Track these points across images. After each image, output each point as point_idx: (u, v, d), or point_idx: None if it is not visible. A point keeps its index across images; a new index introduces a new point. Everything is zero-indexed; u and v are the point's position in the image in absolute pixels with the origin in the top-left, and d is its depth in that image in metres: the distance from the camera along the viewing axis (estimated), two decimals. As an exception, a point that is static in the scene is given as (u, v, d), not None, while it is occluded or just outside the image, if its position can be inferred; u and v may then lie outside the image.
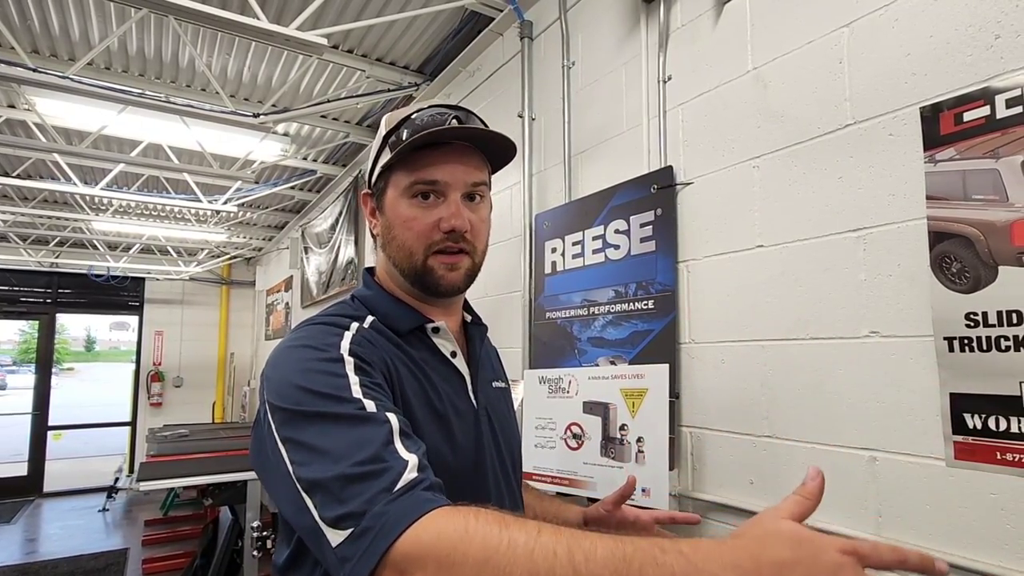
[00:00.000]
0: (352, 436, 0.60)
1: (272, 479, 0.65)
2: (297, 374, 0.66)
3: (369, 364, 0.69)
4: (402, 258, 0.80)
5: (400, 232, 0.79)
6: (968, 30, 1.13)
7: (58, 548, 5.09)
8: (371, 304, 0.82)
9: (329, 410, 0.62)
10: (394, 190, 0.80)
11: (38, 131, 3.73)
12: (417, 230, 0.78)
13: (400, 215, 0.79)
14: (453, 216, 0.77)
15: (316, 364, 0.67)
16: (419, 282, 0.80)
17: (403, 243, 0.79)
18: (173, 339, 8.25)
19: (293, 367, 0.68)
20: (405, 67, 3.32)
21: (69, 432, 8.12)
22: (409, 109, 0.81)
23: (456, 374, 0.83)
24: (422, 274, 0.79)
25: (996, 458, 1.06)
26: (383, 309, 0.81)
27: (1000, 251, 1.06)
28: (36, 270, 7.45)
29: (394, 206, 0.80)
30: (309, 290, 5.69)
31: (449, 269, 0.79)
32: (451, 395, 0.80)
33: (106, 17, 2.86)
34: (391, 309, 0.81)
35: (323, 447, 0.59)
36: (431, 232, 0.78)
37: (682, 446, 1.67)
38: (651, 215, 1.79)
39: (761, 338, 1.49)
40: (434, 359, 0.82)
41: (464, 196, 0.80)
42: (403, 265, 0.80)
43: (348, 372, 0.66)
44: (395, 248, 0.80)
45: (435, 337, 0.83)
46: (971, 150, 1.10)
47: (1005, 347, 1.04)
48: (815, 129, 1.39)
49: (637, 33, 1.92)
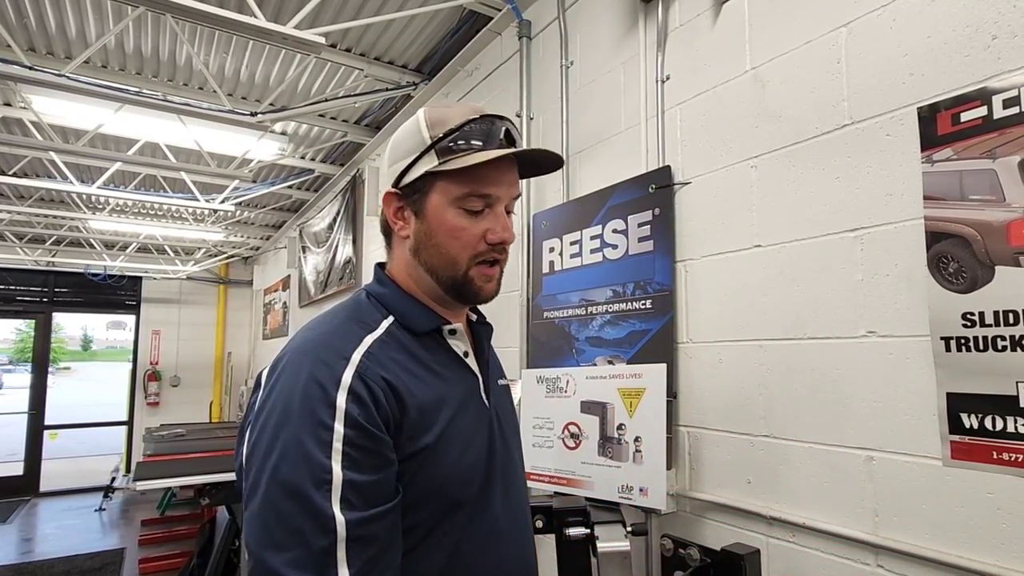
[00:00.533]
0: (296, 536, 0.61)
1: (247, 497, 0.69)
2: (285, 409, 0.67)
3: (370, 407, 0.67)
4: (443, 265, 0.79)
5: (444, 240, 0.79)
6: (965, 31, 1.13)
7: (54, 548, 5.07)
8: (389, 303, 0.81)
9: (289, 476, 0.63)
10: (441, 197, 0.78)
11: (34, 129, 3.72)
12: (465, 240, 0.78)
13: (447, 223, 0.78)
14: (503, 229, 0.80)
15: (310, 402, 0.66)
16: (456, 290, 0.81)
17: (447, 251, 0.79)
18: (170, 338, 8.23)
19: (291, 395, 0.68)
20: (403, 66, 3.32)
21: (65, 432, 8.09)
22: (453, 116, 0.78)
23: (471, 375, 0.84)
24: (462, 283, 0.80)
25: (992, 458, 1.06)
26: (401, 309, 0.81)
27: (997, 251, 1.06)
28: (32, 269, 7.42)
29: (439, 213, 0.78)
30: (307, 289, 5.69)
31: (487, 280, 0.81)
32: (467, 397, 0.81)
33: (103, 15, 2.85)
34: (410, 310, 0.81)
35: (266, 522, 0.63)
36: (477, 243, 0.79)
37: (680, 446, 1.68)
38: (649, 215, 1.79)
39: (759, 338, 1.49)
40: (450, 360, 0.82)
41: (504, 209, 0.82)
42: (443, 273, 0.80)
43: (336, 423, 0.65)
44: (435, 255, 0.80)
45: (450, 338, 0.84)
46: (968, 150, 1.11)
47: (1002, 347, 1.04)
48: (813, 129, 1.39)
49: (635, 33, 1.92)
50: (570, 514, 1.46)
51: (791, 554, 1.38)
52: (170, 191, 5.21)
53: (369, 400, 0.67)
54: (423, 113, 0.80)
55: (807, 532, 1.35)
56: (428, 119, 0.79)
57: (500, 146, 0.78)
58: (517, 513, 0.85)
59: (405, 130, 0.82)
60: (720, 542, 1.43)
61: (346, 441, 0.65)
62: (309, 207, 5.82)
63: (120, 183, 5.05)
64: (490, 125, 0.78)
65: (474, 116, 0.78)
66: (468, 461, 0.76)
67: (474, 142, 0.77)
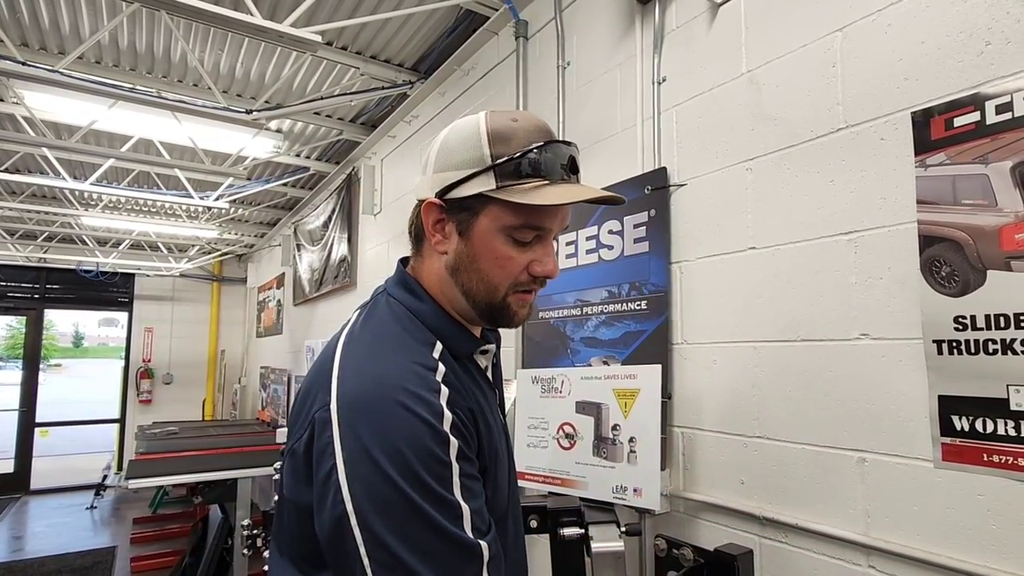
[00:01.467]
0: (446, 569, 0.61)
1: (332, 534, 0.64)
2: (396, 448, 0.62)
3: (467, 437, 0.68)
4: (482, 290, 0.76)
5: (488, 266, 0.75)
6: (959, 36, 1.14)
7: (45, 546, 5.04)
8: (432, 325, 0.77)
9: (429, 514, 0.61)
10: (491, 222, 0.73)
11: (27, 125, 3.69)
12: (509, 269, 0.75)
13: (494, 250, 0.74)
14: (550, 263, 0.77)
15: (421, 441, 0.63)
16: (491, 315, 0.78)
17: (488, 277, 0.75)
18: (163, 336, 8.18)
19: (395, 436, 0.63)
20: (400, 65, 3.32)
21: (56, 429, 8.04)
22: (519, 135, 0.73)
23: (493, 392, 0.85)
24: (500, 309, 0.77)
25: (983, 460, 1.07)
26: (445, 332, 0.77)
27: (989, 255, 1.07)
28: (24, 265, 7.36)
29: (487, 239, 0.74)
30: (302, 287, 5.67)
31: (522, 306, 0.79)
32: (495, 417, 0.82)
33: (97, 11, 2.83)
34: (453, 334, 0.78)
35: (413, 569, 0.60)
36: (521, 272, 0.76)
37: (674, 446, 1.68)
38: (644, 216, 1.79)
39: (753, 339, 1.50)
40: (482, 381, 0.83)
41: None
42: (480, 297, 0.76)
43: (452, 457, 0.65)
44: (476, 279, 0.76)
45: (479, 356, 0.84)
46: (961, 155, 1.12)
47: (993, 350, 1.05)
48: (808, 132, 1.40)
49: (632, 34, 1.93)
50: (564, 514, 1.46)
51: (784, 554, 1.39)
52: (164, 188, 5.18)
53: (464, 431, 0.68)
54: (485, 122, 0.73)
55: (800, 533, 1.36)
56: (491, 131, 0.72)
57: (563, 177, 0.73)
58: (517, 516, 0.87)
59: (461, 136, 0.74)
60: (713, 542, 1.44)
61: (462, 474, 0.65)
62: (304, 205, 5.80)
63: (113, 180, 5.02)
64: (558, 153, 0.73)
65: (540, 141, 0.72)
66: (504, 475, 0.79)
67: (540, 170, 0.71)
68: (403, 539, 0.60)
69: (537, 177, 0.71)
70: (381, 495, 0.61)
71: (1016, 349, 1.03)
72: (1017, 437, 1.03)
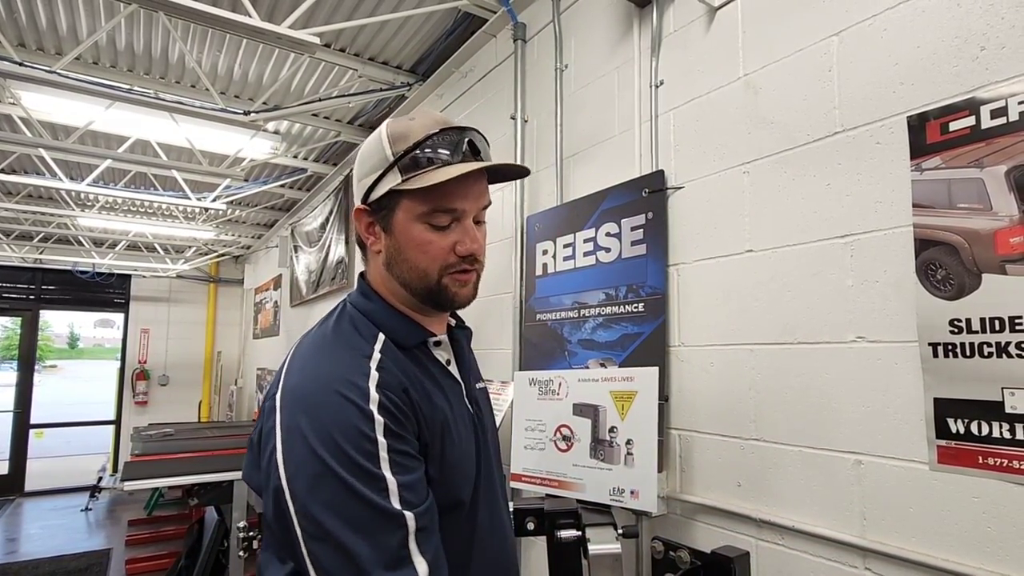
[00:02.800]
0: (371, 537, 0.64)
1: (274, 511, 0.70)
2: (327, 430, 0.68)
3: (399, 416, 0.71)
4: (414, 278, 0.80)
5: (413, 255, 0.79)
6: (955, 41, 1.15)
7: (39, 548, 5.01)
8: (377, 320, 0.82)
9: (353, 486, 0.65)
10: (406, 214, 0.78)
11: (23, 125, 3.68)
12: (433, 254, 0.79)
13: (414, 239, 0.79)
14: (471, 241, 0.80)
15: (348, 421, 0.68)
16: (431, 299, 0.82)
17: (416, 265, 0.80)
18: (159, 337, 8.16)
19: (325, 419, 0.68)
20: (398, 67, 3.32)
21: (51, 430, 8.00)
22: (415, 130, 0.78)
23: (455, 383, 0.86)
24: (436, 292, 0.81)
25: (978, 462, 1.07)
26: (390, 325, 0.82)
27: (984, 259, 1.08)
28: (19, 266, 7.34)
29: (406, 230, 0.79)
30: (299, 289, 5.66)
31: (461, 285, 0.81)
32: (455, 405, 0.83)
33: (94, 11, 2.83)
34: (397, 325, 0.82)
35: (340, 539, 0.64)
36: (447, 255, 0.79)
37: (671, 448, 1.69)
38: (642, 219, 1.80)
39: (750, 342, 1.50)
40: (437, 370, 0.84)
41: (473, 220, 0.82)
42: (415, 285, 0.81)
43: (378, 435, 0.68)
44: (406, 269, 0.80)
45: (435, 349, 0.86)
46: (956, 159, 1.12)
47: (988, 353, 1.06)
48: (804, 136, 1.40)
49: (630, 38, 1.93)
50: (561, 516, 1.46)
51: (780, 556, 1.39)
52: (161, 189, 5.17)
53: (395, 410, 0.71)
54: (385, 128, 0.80)
55: (796, 535, 1.36)
56: (390, 134, 0.79)
57: (464, 158, 0.77)
58: (496, 512, 0.87)
59: (369, 145, 0.82)
60: (710, 544, 1.44)
61: (390, 449, 0.68)
62: (301, 206, 5.79)
63: (110, 180, 5.01)
64: (453, 138, 0.78)
65: (435, 130, 0.77)
66: (465, 463, 0.80)
67: (437, 156, 0.76)
68: (330, 511, 0.65)
69: (436, 164, 0.76)
70: (311, 471, 0.66)
71: (1011, 352, 1.03)
72: (1012, 440, 1.03)
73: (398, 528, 0.65)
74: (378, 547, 0.64)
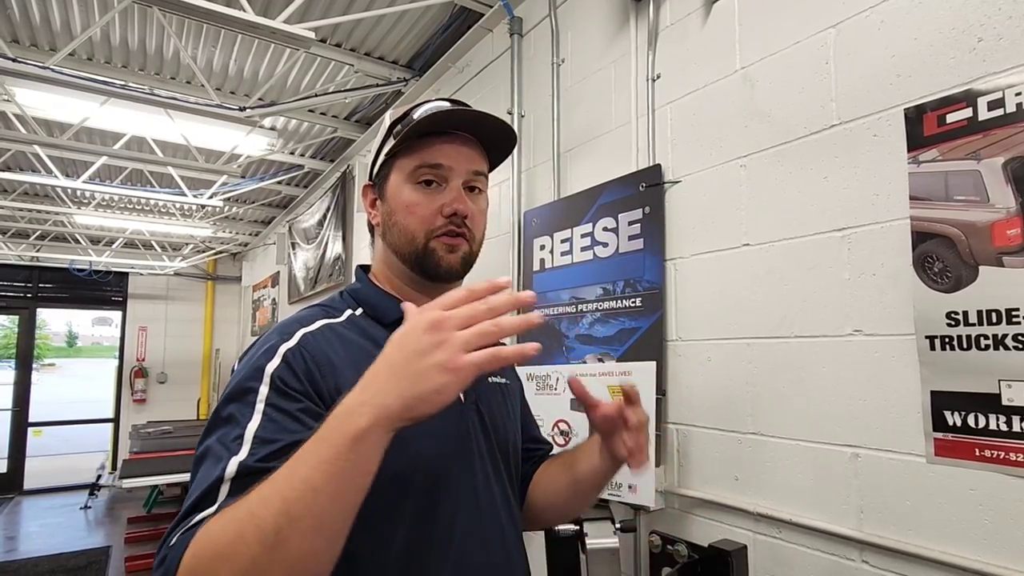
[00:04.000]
0: (204, 467, 0.65)
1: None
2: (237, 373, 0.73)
3: (297, 378, 0.70)
4: (404, 242, 0.81)
5: (402, 217, 0.81)
6: (951, 33, 1.14)
7: (39, 546, 5.01)
8: (359, 296, 0.85)
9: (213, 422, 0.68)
10: (398, 175, 0.82)
11: (18, 122, 3.66)
12: (420, 215, 0.80)
13: (403, 200, 0.81)
14: (456, 200, 0.79)
15: (245, 371, 0.71)
16: (419, 265, 0.81)
17: (405, 227, 0.81)
18: (157, 335, 8.15)
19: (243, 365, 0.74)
20: (394, 62, 3.30)
21: (50, 429, 7.99)
22: (414, 103, 0.83)
23: None
24: (423, 256, 0.80)
25: (975, 454, 1.08)
26: (371, 301, 0.84)
27: (981, 251, 1.07)
28: (16, 264, 7.32)
29: (397, 192, 0.82)
30: (296, 286, 5.65)
31: (449, 251, 0.81)
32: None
33: (88, 7, 2.81)
34: (377, 300, 0.84)
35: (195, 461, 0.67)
36: (434, 217, 0.80)
37: (668, 443, 1.69)
38: (639, 213, 1.79)
39: (747, 336, 1.50)
40: None
41: (465, 186, 0.82)
42: (404, 249, 0.81)
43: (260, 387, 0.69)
44: (396, 233, 0.82)
45: None
46: (953, 151, 1.12)
47: (985, 346, 1.06)
48: (801, 129, 1.40)
49: (626, 31, 1.93)
50: (559, 511, 1.46)
51: (777, 550, 1.39)
52: (157, 186, 5.15)
53: (293, 374, 0.70)
54: (390, 111, 0.87)
55: (793, 528, 1.36)
56: (392, 112, 0.85)
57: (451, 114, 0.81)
58: (488, 514, 0.80)
59: (379, 133, 0.87)
60: (708, 538, 1.44)
61: (268, 403, 0.67)
62: (299, 203, 5.78)
63: (106, 177, 4.99)
64: (444, 104, 0.81)
65: (428, 100, 0.83)
66: (413, 449, 0.73)
67: (426, 118, 0.79)
68: (202, 438, 0.68)
69: (425, 125, 0.79)
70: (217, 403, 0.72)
71: (1008, 344, 1.03)
72: (1009, 432, 1.03)
73: (216, 467, 0.63)
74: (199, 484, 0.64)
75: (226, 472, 0.61)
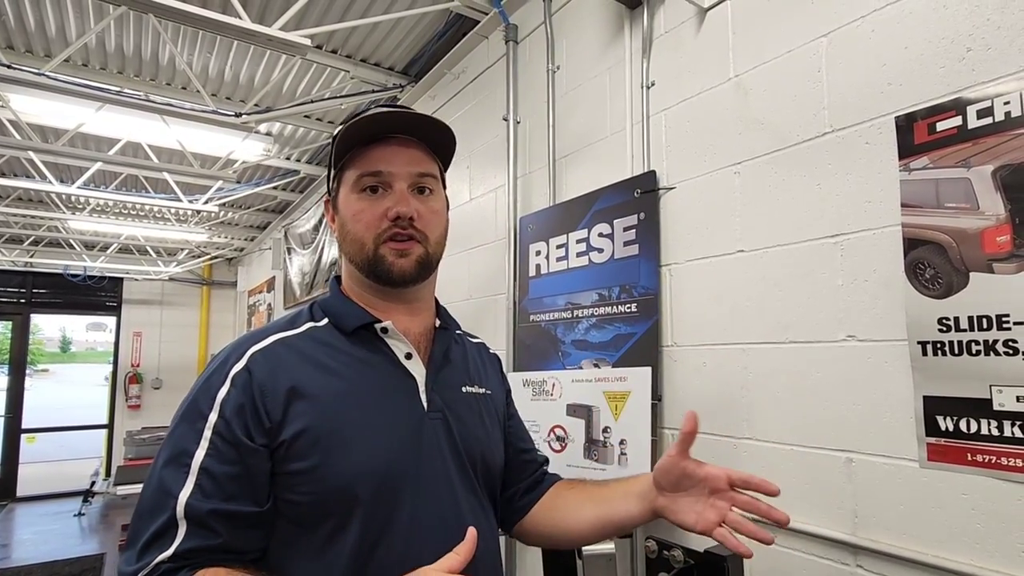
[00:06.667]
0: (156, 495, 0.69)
1: None
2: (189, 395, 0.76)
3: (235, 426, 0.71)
4: (355, 251, 0.82)
5: (352, 226, 0.82)
6: (941, 42, 1.16)
7: (32, 553, 4.98)
8: (326, 307, 0.86)
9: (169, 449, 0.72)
10: (344, 187, 0.84)
11: (13, 128, 3.65)
12: (366, 221, 0.81)
13: (350, 209, 0.82)
14: (399, 203, 0.80)
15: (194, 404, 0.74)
16: (372, 272, 0.82)
17: (355, 236, 0.82)
18: (152, 340, 8.12)
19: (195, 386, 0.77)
20: (390, 68, 3.31)
21: (43, 435, 7.94)
22: (356, 113, 0.84)
23: (406, 376, 0.82)
24: (374, 263, 0.81)
25: (967, 459, 1.08)
26: (335, 310, 0.85)
27: (971, 258, 1.09)
28: (10, 269, 7.28)
29: (346, 203, 0.83)
30: (292, 291, 5.64)
31: (399, 255, 0.81)
32: (390, 396, 0.79)
33: (84, 13, 2.81)
34: (340, 309, 0.85)
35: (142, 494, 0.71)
36: (379, 221, 0.81)
37: (664, 448, 1.69)
38: (634, 219, 1.80)
39: (741, 341, 1.51)
40: (378, 359, 0.82)
41: (413, 189, 0.83)
42: (357, 258, 0.82)
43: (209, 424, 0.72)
44: (349, 242, 0.83)
45: (387, 338, 0.83)
46: (944, 159, 1.13)
47: (976, 351, 1.07)
48: (795, 136, 1.41)
49: (621, 39, 1.94)
50: (556, 517, 1.46)
51: (772, 555, 1.40)
52: (152, 191, 5.14)
53: (243, 399, 0.72)
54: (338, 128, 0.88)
55: (788, 533, 1.37)
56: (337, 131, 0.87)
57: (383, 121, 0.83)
58: (454, 529, 0.73)
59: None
60: (703, 544, 1.45)
61: (215, 429, 0.71)
62: (294, 208, 5.78)
63: (101, 183, 4.98)
64: (375, 112, 0.82)
65: (371, 108, 0.84)
66: (362, 457, 0.73)
67: (354, 124, 0.81)
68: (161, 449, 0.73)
69: (364, 137, 0.82)
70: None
71: (998, 350, 1.04)
72: (1000, 437, 1.04)
73: (165, 510, 0.67)
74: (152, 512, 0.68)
75: (177, 511, 0.67)
